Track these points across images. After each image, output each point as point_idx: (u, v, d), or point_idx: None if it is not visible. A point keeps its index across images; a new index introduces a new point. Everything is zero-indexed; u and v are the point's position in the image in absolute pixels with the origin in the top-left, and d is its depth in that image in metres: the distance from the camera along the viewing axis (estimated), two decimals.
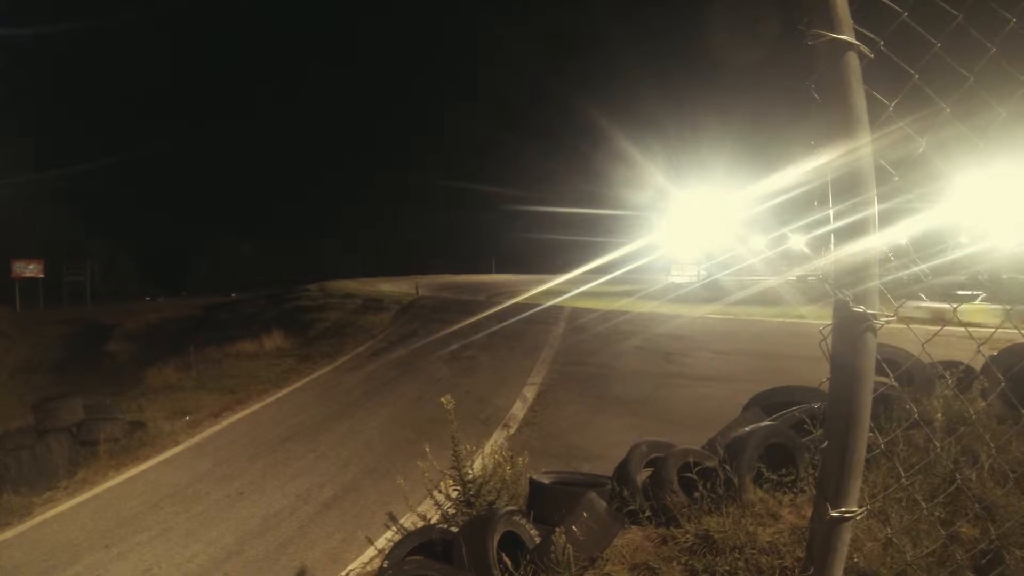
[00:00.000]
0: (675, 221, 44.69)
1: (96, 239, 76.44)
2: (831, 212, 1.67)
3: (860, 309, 1.61)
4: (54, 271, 65.71)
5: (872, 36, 1.68)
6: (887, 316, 1.66)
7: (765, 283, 35.69)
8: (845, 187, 1.64)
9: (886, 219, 1.88)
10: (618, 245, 38.43)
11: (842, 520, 1.68)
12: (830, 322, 1.71)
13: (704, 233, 45.15)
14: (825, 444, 1.75)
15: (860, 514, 1.69)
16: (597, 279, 39.99)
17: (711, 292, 35.88)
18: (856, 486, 1.69)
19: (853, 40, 1.61)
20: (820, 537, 1.73)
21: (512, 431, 11.49)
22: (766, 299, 28.20)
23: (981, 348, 2.32)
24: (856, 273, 1.63)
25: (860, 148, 1.60)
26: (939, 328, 2.23)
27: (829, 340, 1.71)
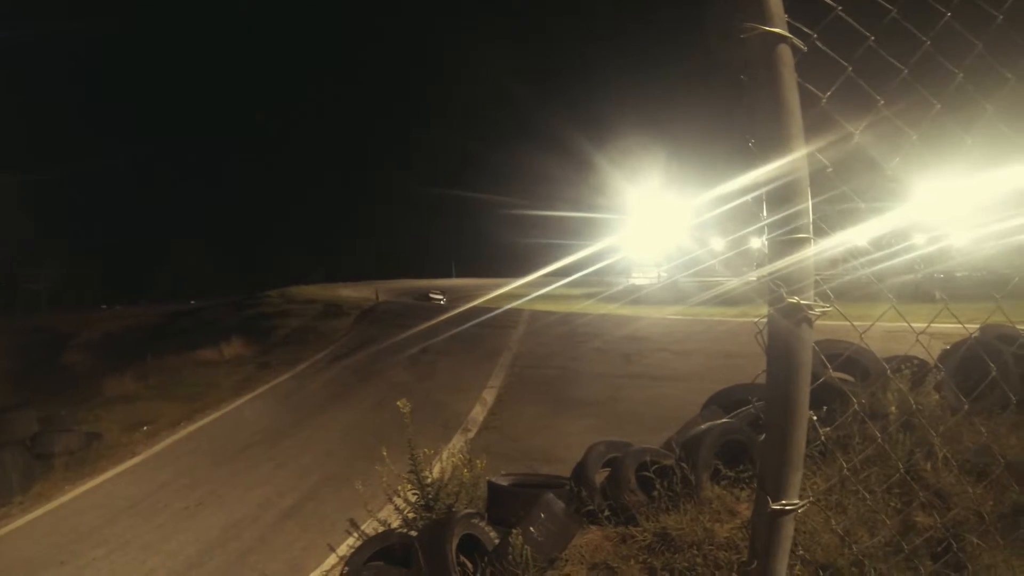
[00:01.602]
0: (636, 224, 44.96)
1: (51, 246, 74.79)
2: (763, 197, 1.69)
3: (794, 299, 1.62)
4: (9, 278, 64.28)
5: (807, 30, 1.70)
6: (823, 306, 1.67)
7: (725, 284, 36.03)
8: (780, 187, 1.65)
9: (842, 218, 1.91)
10: (579, 248, 38.46)
11: (783, 513, 1.69)
12: (766, 315, 1.72)
13: (664, 235, 45.51)
14: (764, 437, 1.76)
15: (802, 506, 1.70)
16: (557, 282, 40.07)
17: (671, 293, 36.18)
18: (796, 478, 1.70)
19: (785, 33, 1.62)
20: (762, 530, 1.73)
21: (472, 435, 11.48)
22: (726, 299, 28.45)
23: (919, 340, 2.35)
24: (792, 266, 1.64)
25: (792, 139, 1.61)
26: (871, 323, 2.25)
27: (765, 333, 1.72)
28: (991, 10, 2.10)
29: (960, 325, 2.69)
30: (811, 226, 1.65)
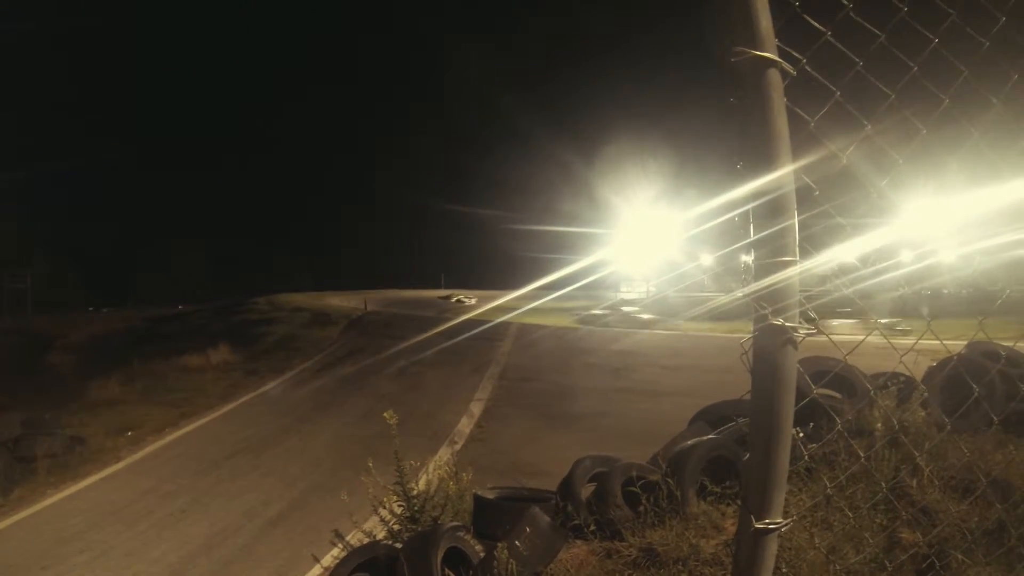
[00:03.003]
0: (625, 239, 45.08)
1: (38, 246, 74.07)
2: (750, 219, 1.70)
3: (779, 322, 1.63)
4: None
5: (796, 55, 1.72)
6: (808, 329, 1.69)
7: (714, 299, 36.12)
8: (766, 207, 1.67)
9: (828, 235, 1.93)
10: (569, 262, 38.53)
11: (766, 532, 1.70)
12: (750, 335, 1.74)
13: (654, 250, 45.66)
14: (747, 456, 1.77)
15: (785, 525, 1.71)
16: (547, 295, 40.11)
17: (660, 308, 36.25)
18: (780, 497, 1.71)
19: (775, 57, 1.63)
20: (746, 549, 1.74)
21: (458, 447, 11.51)
22: (715, 315, 28.56)
23: (903, 359, 2.38)
24: (777, 288, 1.65)
25: (781, 163, 1.63)
26: (861, 339, 2.27)
27: (751, 353, 1.74)
28: (979, 37, 2.14)
29: (944, 344, 2.72)
30: (797, 248, 1.67)
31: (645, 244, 44.75)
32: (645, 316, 34.98)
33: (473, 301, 48.91)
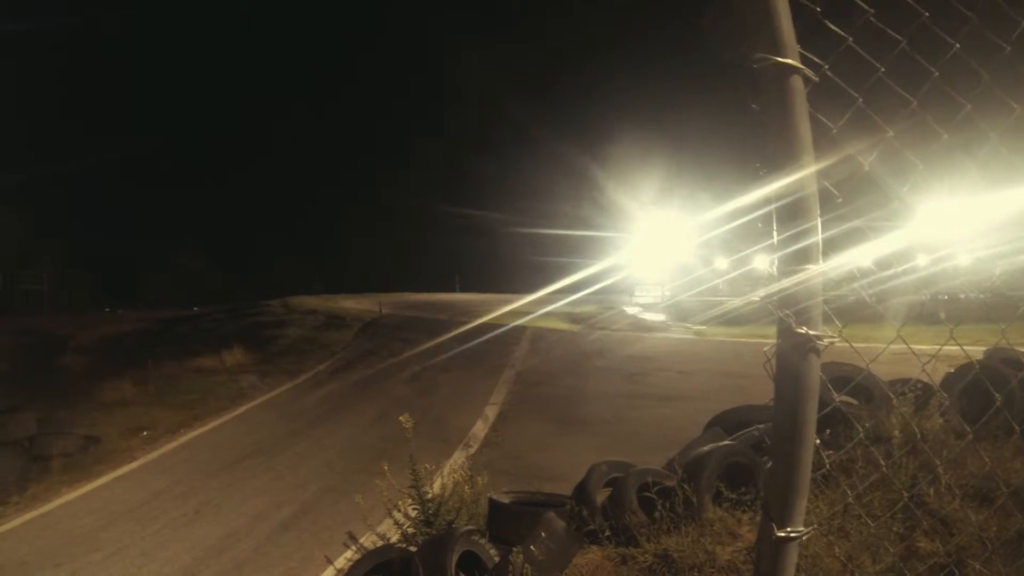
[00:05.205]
0: (639, 242, 44.94)
1: (51, 247, 74.20)
2: (774, 229, 1.69)
3: (803, 330, 1.62)
4: (9, 278, 64.24)
5: (817, 60, 1.71)
6: (831, 337, 1.68)
7: (729, 303, 35.93)
8: (788, 212, 1.66)
9: (847, 239, 1.91)
10: (583, 266, 38.40)
11: (788, 540, 1.69)
12: (774, 341, 1.73)
13: (668, 254, 45.48)
14: (770, 464, 1.77)
15: (807, 534, 1.70)
16: (561, 300, 40.00)
17: (675, 313, 36.14)
18: (802, 506, 1.70)
19: (798, 64, 1.62)
20: (767, 558, 1.73)
21: (473, 451, 11.48)
22: (730, 319, 28.44)
23: (925, 367, 2.36)
24: (799, 294, 1.64)
25: (804, 170, 1.62)
26: (881, 350, 2.26)
27: (774, 361, 1.73)
28: (999, 41, 2.12)
29: (965, 350, 2.70)
30: (820, 255, 1.66)
31: (660, 248, 44.60)
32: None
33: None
